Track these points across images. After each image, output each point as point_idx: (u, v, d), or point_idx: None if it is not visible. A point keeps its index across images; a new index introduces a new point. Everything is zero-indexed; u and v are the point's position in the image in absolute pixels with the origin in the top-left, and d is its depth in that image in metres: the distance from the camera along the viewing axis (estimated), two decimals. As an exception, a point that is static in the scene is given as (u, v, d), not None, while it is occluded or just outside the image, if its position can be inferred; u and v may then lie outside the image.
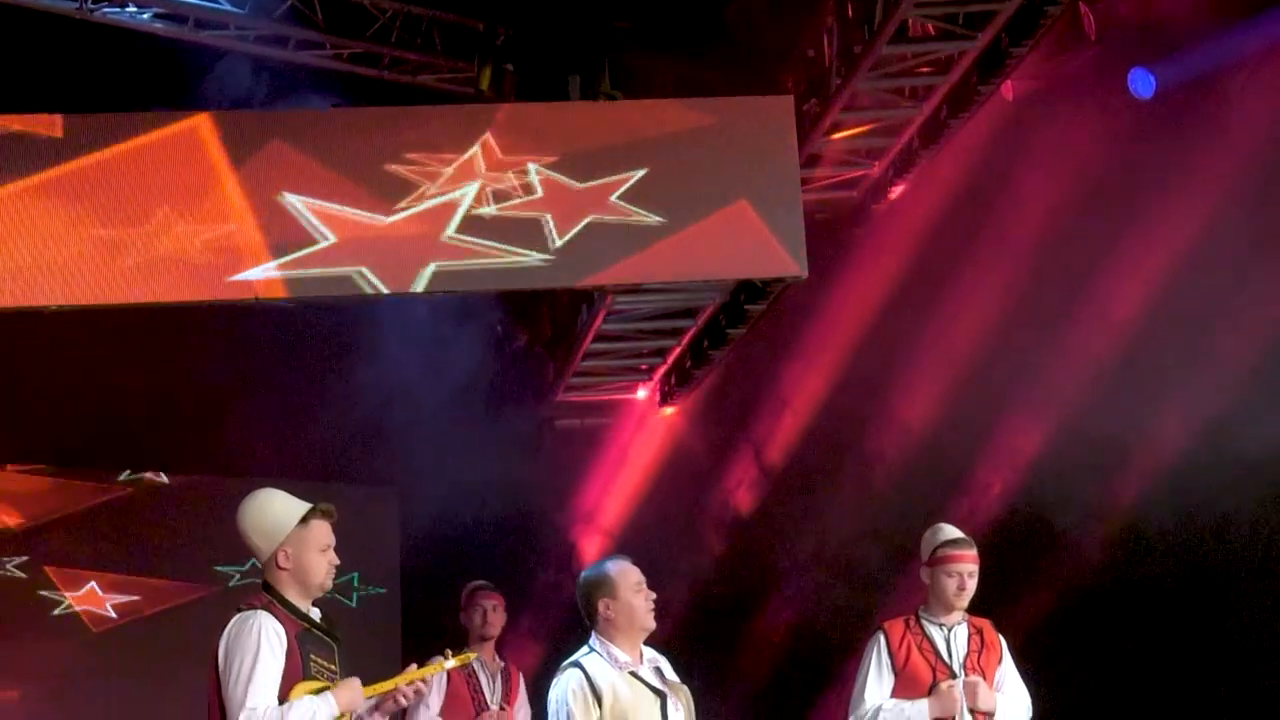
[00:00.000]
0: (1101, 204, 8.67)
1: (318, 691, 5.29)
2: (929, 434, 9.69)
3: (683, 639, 8.96)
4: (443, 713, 8.46)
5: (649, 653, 6.16)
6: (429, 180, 8.03)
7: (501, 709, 8.48)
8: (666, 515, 10.69)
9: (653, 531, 10.06)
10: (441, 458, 9.93)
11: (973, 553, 6.96)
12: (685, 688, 6.15)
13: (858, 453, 10.14)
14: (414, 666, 5.58)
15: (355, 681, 5.41)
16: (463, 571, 9.46)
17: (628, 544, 6.45)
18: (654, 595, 6.12)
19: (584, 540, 9.82)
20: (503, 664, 8.64)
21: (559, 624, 8.41)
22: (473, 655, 5.85)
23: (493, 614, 8.59)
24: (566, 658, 6.15)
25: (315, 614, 5.50)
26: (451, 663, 5.73)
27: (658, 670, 6.13)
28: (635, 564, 6.18)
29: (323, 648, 5.43)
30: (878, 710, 6.88)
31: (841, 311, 9.73)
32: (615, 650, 6.05)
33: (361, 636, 7.78)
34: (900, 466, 9.78)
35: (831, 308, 9.73)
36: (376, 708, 5.56)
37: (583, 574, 6.18)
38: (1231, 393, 8.20)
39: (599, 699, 5.94)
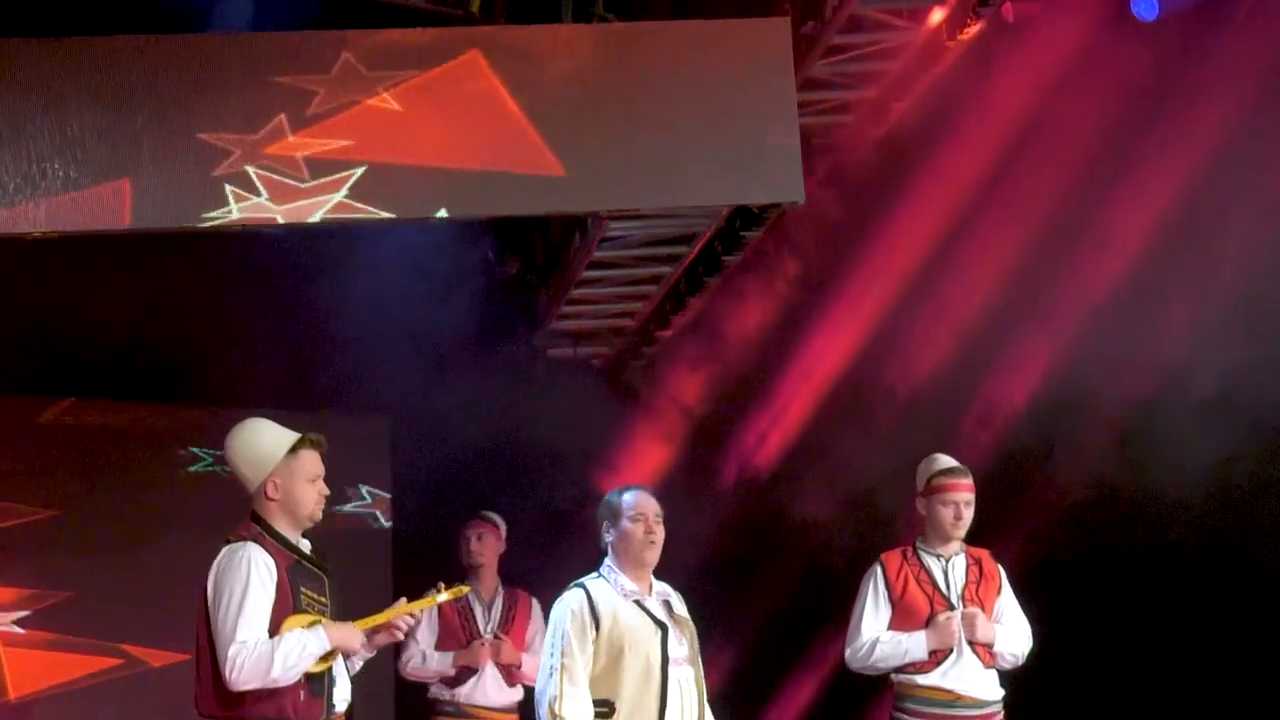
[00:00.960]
0: (1104, 130, 8.62)
1: (309, 625, 5.29)
2: (938, 369, 9.66)
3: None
4: (438, 646, 8.51)
5: (659, 585, 6.18)
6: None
7: (497, 637, 8.52)
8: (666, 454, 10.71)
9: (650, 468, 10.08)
10: (432, 387, 9.92)
11: (968, 481, 6.98)
12: (691, 624, 6.17)
13: (864, 389, 10.11)
14: (403, 600, 5.58)
15: (354, 628, 5.40)
16: (454, 501, 9.48)
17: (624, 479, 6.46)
18: (659, 531, 6.12)
19: (580, 471, 9.80)
20: (502, 592, 8.65)
21: (554, 551, 8.41)
22: (465, 589, 5.86)
23: (477, 543, 8.61)
24: (564, 584, 6.18)
25: (305, 545, 5.50)
26: (444, 596, 5.73)
27: (666, 604, 6.15)
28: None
29: (313, 580, 5.44)
30: (875, 642, 6.90)
31: (842, 241, 9.69)
32: (623, 578, 6.08)
33: (352, 568, 7.77)
34: (911, 404, 9.75)
35: (832, 237, 9.69)
36: (366, 641, 5.56)
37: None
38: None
39: (598, 622, 5.97)
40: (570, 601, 6.05)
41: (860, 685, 8.25)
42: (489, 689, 8.52)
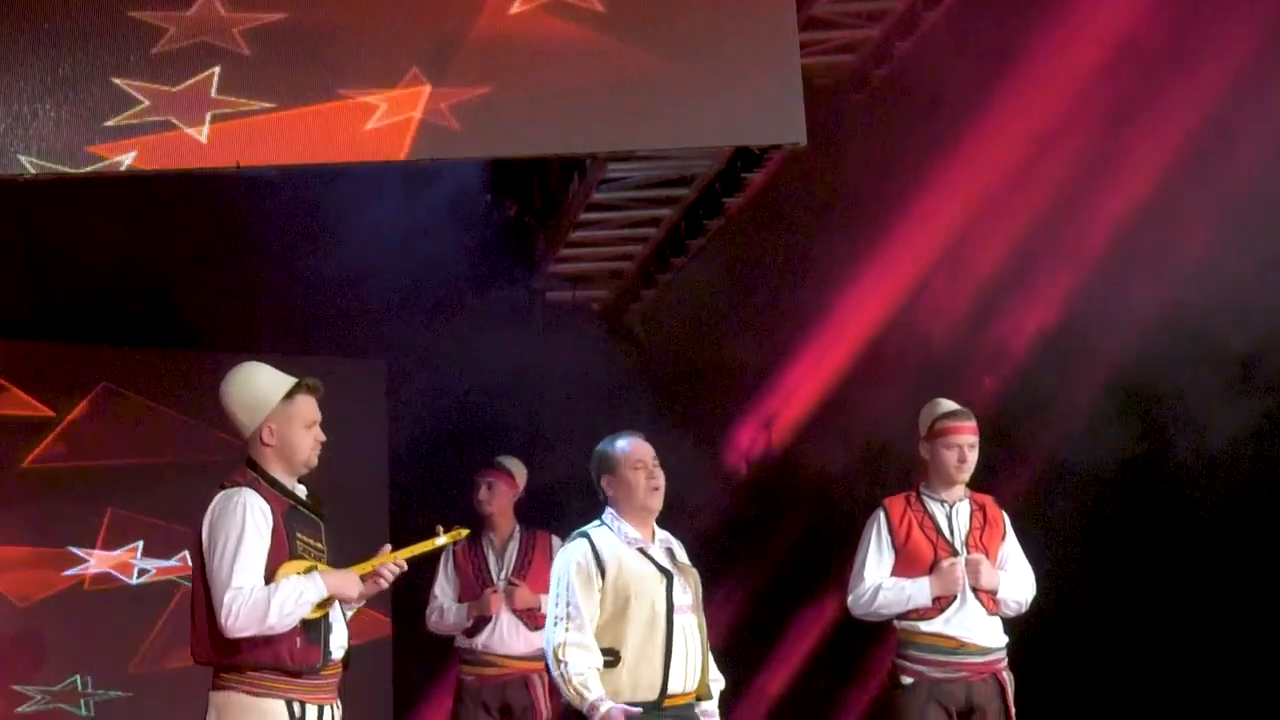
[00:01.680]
0: (1119, 67, 8.55)
1: (306, 571, 5.29)
2: (955, 317, 9.63)
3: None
4: (459, 597, 8.54)
5: (661, 533, 6.18)
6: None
7: (510, 583, 8.51)
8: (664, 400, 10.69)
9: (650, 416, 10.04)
10: (429, 331, 9.91)
11: (972, 424, 6.97)
12: (695, 571, 6.18)
13: (878, 338, 10.08)
14: (388, 548, 5.56)
15: (352, 576, 5.40)
16: (452, 446, 9.48)
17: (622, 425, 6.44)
18: (660, 476, 6.12)
19: (579, 415, 9.78)
20: (520, 535, 8.63)
21: (553, 498, 8.41)
22: (465, 531, 5.84)
23: (485, 492, 8.62)
24: (558, 532, 6.17)
25: (301, 491, 5.49)
26: (443, 539, 5.72)
27: (669, 551, 6.15)
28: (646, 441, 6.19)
29: (309, 526, 5.43)
30: (877, 589, 6.90)
31: (843, 182, 9.64)
32: (625, 526, 6.07)
33: (348, 513, 7.76)
34: (927, 354, 9.72)
35: (831, 178, 9.64)
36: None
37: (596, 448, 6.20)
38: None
39: (603, 571, 5.97)
40: (574, 551, 6.05)
41: (862, 632, 8.28)
42: (507, 636, 8.49)
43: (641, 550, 6.07)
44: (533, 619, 8.40)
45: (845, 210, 9.79)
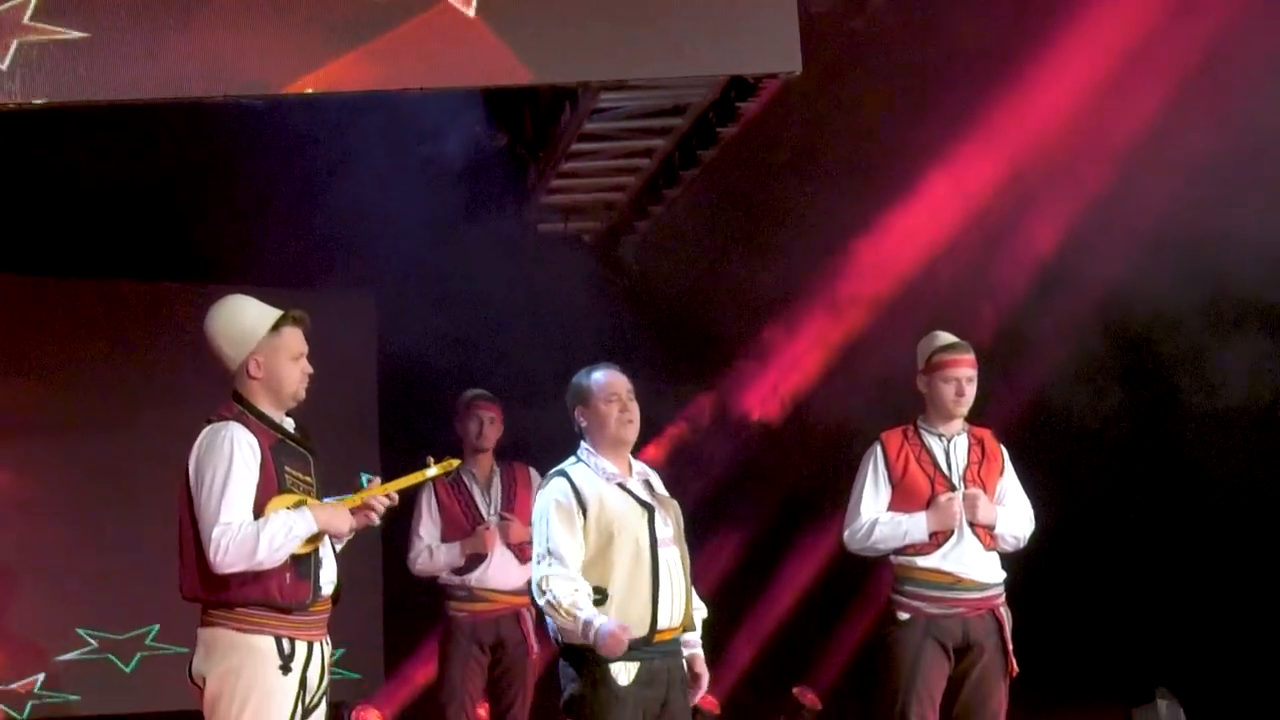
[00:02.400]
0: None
1: (295, 505, 5.27)
2: (955, 251, 9.58)
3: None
4: (443, 537, 8.52)
5: (638, 465, 6.17)
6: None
7: (503, 518, 8.52)
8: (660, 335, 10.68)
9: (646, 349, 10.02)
10: (419, 263, 9.86)
11: (970, 357, 6.95)
12: (675, 502, 6.17)
13: (880, 272, 10.02)
14: (376, 480, 5.56)
15: (342, 509, 5.39)
16: (442, 379, 9.46)
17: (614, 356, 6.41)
18: (634, 408, 6.09)
19: (571, 348, 9.75)
20: (499, 470, 8.65)
21: (541, 431, 8.39)
22: (456, 462, 5.83)
23: (489, 426, 8.63)
24: (550, 467, 6.16)
25: (289, 424, 5.48)
26: (434, 470, 5.72)
27: (647, 483, 6.13)
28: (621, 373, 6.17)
29: (298, 459, 5.42)
30: (874, 523, 6.89)
31: (842, 113, 9.56)
32: (602, 461, 6.06)
33: (337, 447, 7.75)
34: (929, 291, 9.68)
35: (830, 108, 9.56)
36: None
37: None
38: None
39: (584, 508, 5.96)
40: (554, 490, 6.03)
41: (858, 568, 8.28)
42: (500, 571, 8.51)
43: (620, 485, 6.05)
44: (524, 553, 8.41)
45: (846, 142, 9.71)
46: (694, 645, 6.17)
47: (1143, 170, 8.41)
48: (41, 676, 10.26)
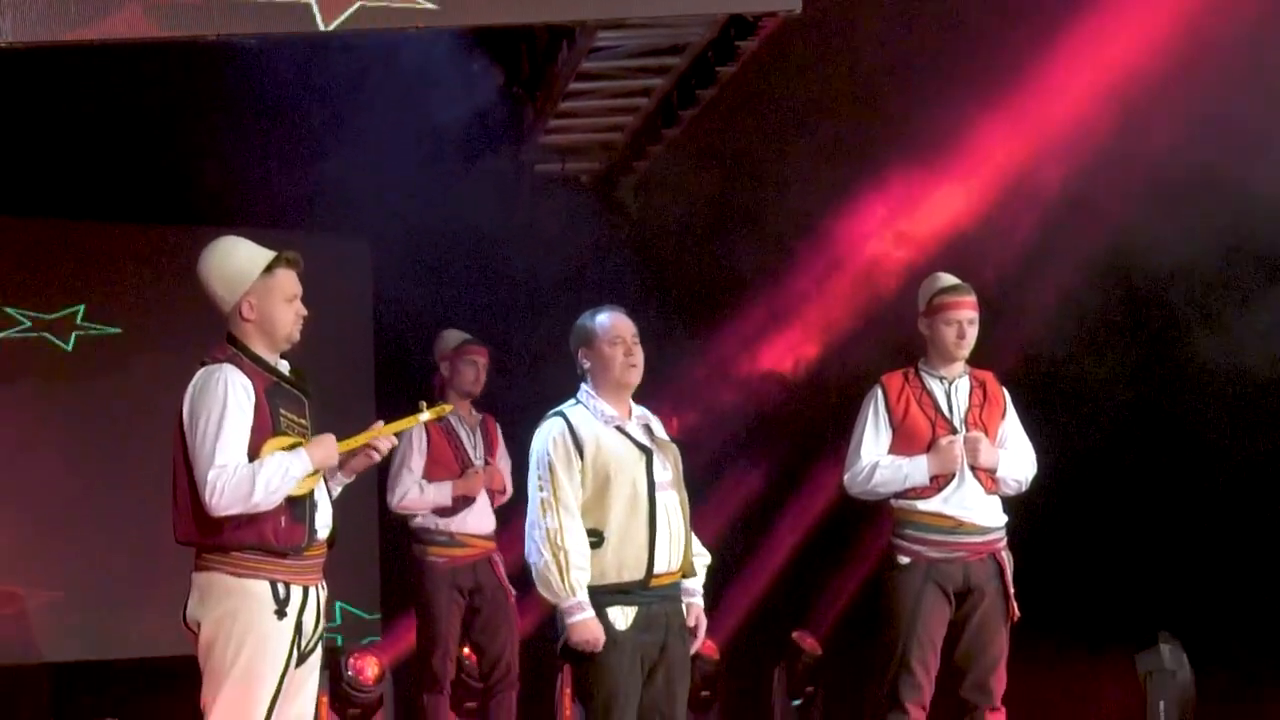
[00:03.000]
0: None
1: (290, 448, 5.28)
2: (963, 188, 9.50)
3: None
4: (426, 473, 8.55)
5: (638, 409, 6.17)
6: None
7: (486, 463, 8.59)
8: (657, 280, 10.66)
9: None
10: (415, 205, 9.84)
11: (971, 299, 6.94)
12: (674, 446, 6.17)
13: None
14: (380, 423, 5.57)
15: (329, 438, 5.42)
16: (438, 322, 9.45)
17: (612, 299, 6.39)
18: (638, 352, 6.09)
19: (568, 291, 9.75)
20: (480, 417, 8.72)
21: (537, 377, 8.39)
22: (448, 408, 5.86)
23: (482, 372, 8.65)
24: (546, 410, 6.16)
25: (284, 367, 5.48)
26: (427, 415, 5.74)
27: (646, 428, 6.13)
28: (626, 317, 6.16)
29: (293, 402, 5.43)
30: (874, 466, 6.90)
31: (844, 52, 9.49)
32: (601, 404, 6.05)
33: (333, 390, 7.76)
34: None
35: (833, 47, 9.51)
36: (344, 464, 5.55)
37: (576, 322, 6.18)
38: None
39: (581, 450, 5.96)
40: (551, 430, 6.03)
41: (858, 511, 8.30)
42: (479, 517, 8.62)
43: (619, 428, 6.05)
44: (495, 500, 8.63)
45: (849, 81, 9.66)
46: (694, 594, 6.17)
47: (1155, 119, 8.35)
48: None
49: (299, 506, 5.31)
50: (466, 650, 9.20)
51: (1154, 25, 8.27)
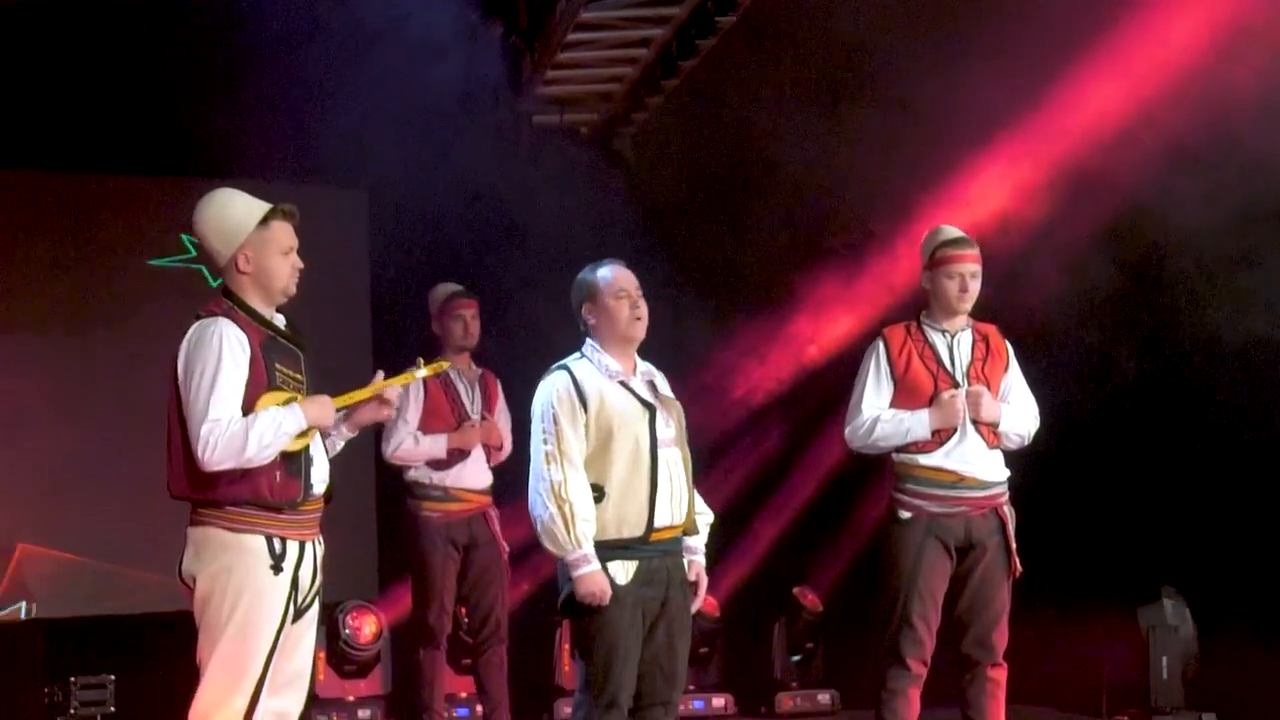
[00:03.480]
0: None
1: (285, 403, 5.27)
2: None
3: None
4: (422, 425, 8.54)
5: (643, 365, 6.16)
6: None
7: (483, 418, 8.58)
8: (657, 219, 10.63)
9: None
10: (412, 157, 9.80)
11: (974, 252, 6.93)
12: (678, 403, 6.16)
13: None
14: (380, 375, 5.57)
15: (325, 398, 5.40)
16: (435, 275, 9.44)
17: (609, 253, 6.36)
18: (643, 306, 6.08)
19: (568, 244, 9.72)
20: (479, 372, 8.71)
21: (534, 331, 8.40)
22: (446, 364, 5.85)
23: (472, 322, 8.64)
24: (547, 366, 6.15)
25: (280, 321, 5.47)
26: (424, 371, 5.73)
27: (650, 384, 6.13)
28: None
29: (288, 356, 5.42)
30: (875, 420, 6.89)
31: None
32: (606, 358, 6.05)
33: (330, 344, 7.75)
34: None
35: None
36: (345, 420, 5.56)
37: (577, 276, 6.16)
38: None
39: (584, 403, 5.95)
40: (555, 383, 6.02)
41: (859, 466, 8.29)
42: (474, 471, 8.62)
43: (623, 383, 6.04)
44: (491, 456, 8.61)
45: (851, 31, 9.60)
46: (696, 551, 6.18)
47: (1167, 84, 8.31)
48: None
49: (294, 461, 5.31)
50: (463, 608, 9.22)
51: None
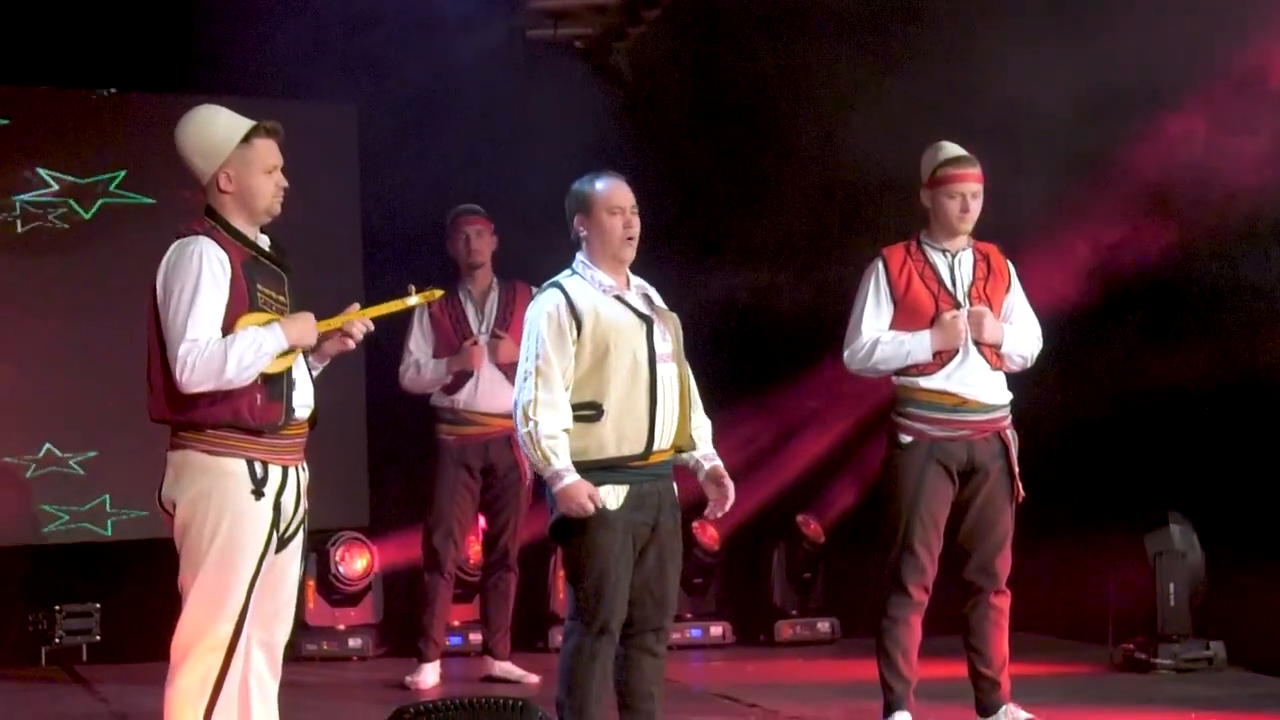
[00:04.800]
0: None
1: (265, 324, 5.26)
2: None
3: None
4: (436, 353, 8.56)
5: (636, 279, 6.15)
6: None
7: (495, 335, 8.53)
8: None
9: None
10: (401, 72, 9.77)
11: (976, 171, 6.91)
12: (675, 316, 6.14)
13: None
14: (355, 306, 5.55)
15: (308, 316, 5.39)
16: (428, 195, 9.42)
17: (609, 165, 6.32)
18: (636, 224, 6.06)
19: (563, 161, 9.68)
20: (498, 287, 8.65)
21: (533, 248, 8.36)
22: (439, 292, 5.82)
23: (476, 239, 8.63)
24: (537, 282, 6.15)
25: (264, 241, 5.46)
26: (414, 300, 5.71)
27: (645, 297, 6.11)
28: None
29: (271, 277, 5.41)
30: (875, 342, 6.88)
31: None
32: (599, 274, 6.04)
33: (318, 265, 7.74)
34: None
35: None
36: (318, 348, 5.52)
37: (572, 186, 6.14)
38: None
39: (579, 322, 5.93)
40: (546, 303, 6.01)
41: (857, 392, 8.28)
42: (489, 393, 8.54)
43: (618, 298, 6.03)
44: (513, 374, 8.45)
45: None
46: (712, 458, 6.13)
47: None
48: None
49: (275, 384, 5.30)
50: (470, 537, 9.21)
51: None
